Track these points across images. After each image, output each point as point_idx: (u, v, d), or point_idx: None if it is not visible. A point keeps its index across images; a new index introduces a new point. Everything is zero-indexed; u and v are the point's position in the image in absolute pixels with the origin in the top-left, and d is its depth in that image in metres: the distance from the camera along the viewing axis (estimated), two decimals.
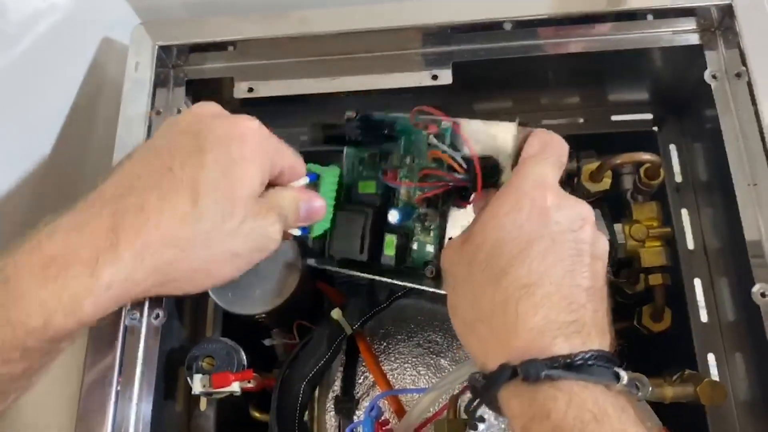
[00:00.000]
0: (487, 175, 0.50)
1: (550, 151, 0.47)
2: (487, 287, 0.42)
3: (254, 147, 0.47)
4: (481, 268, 0.43)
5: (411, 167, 0.55)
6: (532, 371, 0.37)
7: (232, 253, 0.47)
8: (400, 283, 0.55)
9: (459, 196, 0.53)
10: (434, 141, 0.53)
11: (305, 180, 0.54)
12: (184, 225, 0.44)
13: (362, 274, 0.56)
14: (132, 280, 0.43)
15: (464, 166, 0.50)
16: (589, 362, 0.38)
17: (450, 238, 0.55)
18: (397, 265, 0.54)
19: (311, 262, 0.57)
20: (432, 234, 0.55)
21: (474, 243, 0.44)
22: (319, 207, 0.53)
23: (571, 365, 0.38)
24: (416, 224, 0.56)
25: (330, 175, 0.57)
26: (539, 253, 0.42)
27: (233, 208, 0.45)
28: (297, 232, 0.55)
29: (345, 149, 0.58)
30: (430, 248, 0.55)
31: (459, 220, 0.55)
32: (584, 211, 0.45)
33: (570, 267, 0.42)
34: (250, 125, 0.48)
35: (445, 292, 0.48)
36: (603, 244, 0.45)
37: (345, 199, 0.57)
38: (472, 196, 0.52)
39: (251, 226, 0.47)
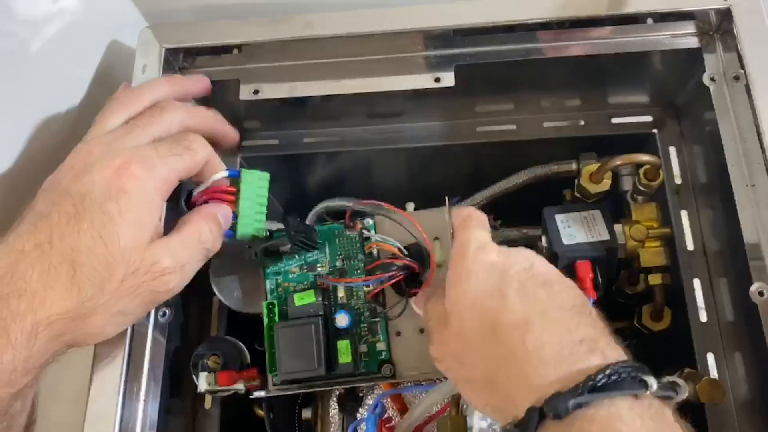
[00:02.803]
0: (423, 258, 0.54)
1: (473, 221, 0.50)
2: (488, 343, 0.44)
3: (136, 196, 0.48)
4: (474, 333, 0.44)
5: (342, 269, 0.58)
6: (560, 407, 0.37)
7: (120, 312, 0.49)
8: (365, 384, 0.57)
9: (411, 283, 0.55)
10: (370, 234, 0.57)
11: (224, 173, 0.56)
12: (68, 297, 0.46)
13: (320, 389, 0.56)
14: (33, 356, 0.45)
15: (404, 252, 0.54)
16: (613, 377, 0.38)
17: (398, 333, 0.56)
18: (355, 370, 0.55)
19: (260, 394, 0.56)
20: (380, 330, 0.56)
21: (455, 319, 0.46)
22: (225, 211, 0.55)
23: (594, 387, 0.38)
24: (361, 325, 0.57)
25: (254, 177, 0.57)
26: (515, 293, 0.44)
27: (111, 269, 0.47)
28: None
29: (265, 271, 0.59)
30: (382, 346, 0.56)
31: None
32: (526, 252, 0.48)
33: (546, 296, 0.44)
34: (133, 172, 0.48)
35: (445, 377, 0.50)
36: (553, 271, 0.47)
37: (282, 318, 0.57)
38: (426, 277, 0.54)
39: (132, 284, 0.48)
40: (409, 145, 0.73)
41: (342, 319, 0.55)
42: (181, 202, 0.59)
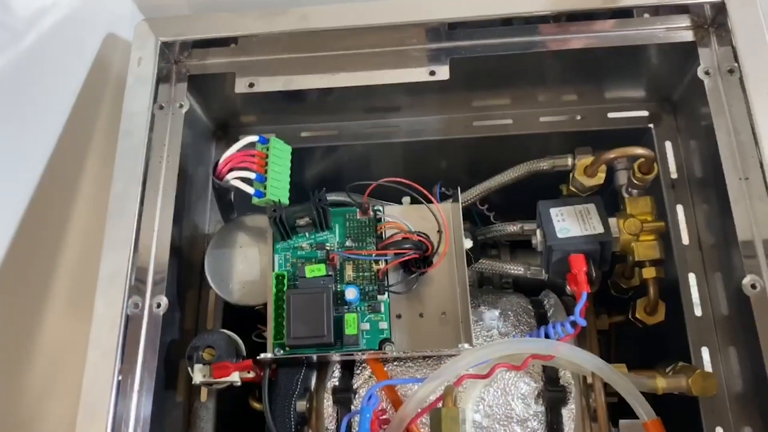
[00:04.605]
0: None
1: None
2: None
3: None
4: None
5: (350, 249, 0.60)
6: None
7: None
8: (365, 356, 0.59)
9: (423, 263, 0.58)
10: (382, 216, 0.61)
11: (255, 138, 0.59)
12: None
13: (324, 353, 0.57)
14: None
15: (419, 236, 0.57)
16: None
17: (398, 315, 0.58)
18: (358, 342, 0.57)
19: (267, 355, 0.57)
20: (383, 310, 0.58)
21: None
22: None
23: None
24: (366, 303, 0.59)
25: (281, 145, 0.61)
26: None
27: None
28: (251, 190, 0.58)
29: (275, 246, 0.61)
30: (384, 325, 0.58)
31: (426, 295, 0.59)
32: None
33: None
34: None
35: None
36: None
37: (291, 287, 0.58)
38: (436, 259, 0.57)
39: None
40: (405, 140, 0.73)
41: (351, 293, 0.57)
42: (209, 172, 0.61)
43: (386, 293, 0.59)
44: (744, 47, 0.58)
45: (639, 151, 0.59)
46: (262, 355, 0.57)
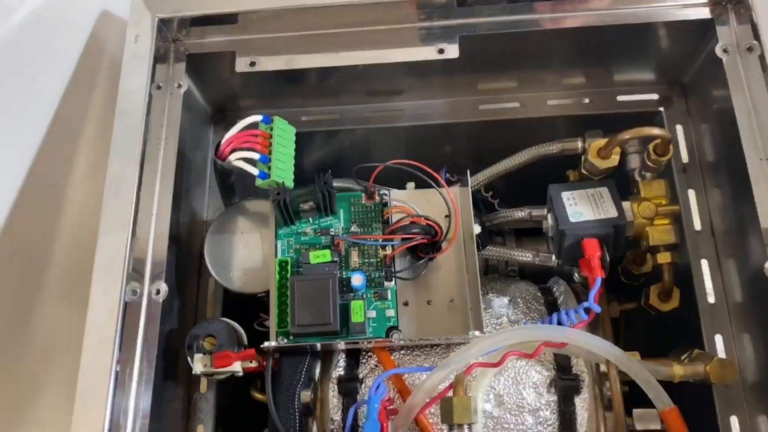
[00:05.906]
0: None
1: None
2: None
3: None
4: None
5: (355, 232, 0.59)
6: None
7: None
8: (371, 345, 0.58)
9: (431, 248, 0.57)
10: (389, 200, 0.59)
11: (258, 117, 0.58)
12: None
13: (329, 341, 0.56)
14: None
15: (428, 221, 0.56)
16: None
17: (406, 303, 0.57)
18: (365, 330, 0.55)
19: (270, 344, 0.55)
20: (390, 297, 0.57)
21: None
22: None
23: None
24: (372, 290, 0.57)
25: (285, 125, 0.59)
26: None
27: None
28: (255, 171, 0.56)
29: (277, 231, 0.59)
30: (391, 312, 0.57)
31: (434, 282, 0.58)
32: None
33: None
34: None
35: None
36: None
37: (294, 273, 0.57)
38: (444, 244, 0.57)
39: None
40: (409, 124, 0.71)
41: (357, 279, 0.56)
42: (210, 153, 0.59)
43: (393, 280, 0.57)
44: (764, 24, 0.57)
45: (655, 131, 0.57)
46: (266, 344, 0.55)
